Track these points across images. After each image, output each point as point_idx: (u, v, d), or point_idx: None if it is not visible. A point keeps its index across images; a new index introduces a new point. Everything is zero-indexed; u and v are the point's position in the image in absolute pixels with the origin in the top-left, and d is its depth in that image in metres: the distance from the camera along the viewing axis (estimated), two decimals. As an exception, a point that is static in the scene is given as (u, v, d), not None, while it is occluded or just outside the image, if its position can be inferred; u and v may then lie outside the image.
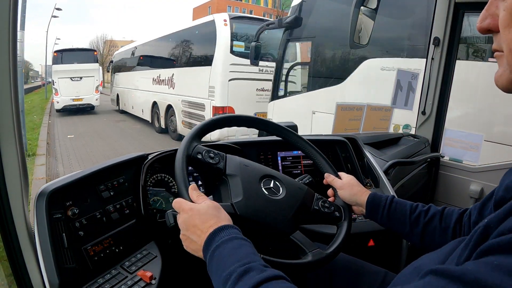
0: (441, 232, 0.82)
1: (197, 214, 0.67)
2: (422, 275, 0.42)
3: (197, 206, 0.69)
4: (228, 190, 0.81)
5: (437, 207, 0.86)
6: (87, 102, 13.92)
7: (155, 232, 0.98)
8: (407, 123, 2.14)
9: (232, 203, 0.77)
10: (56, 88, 13.51)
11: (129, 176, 0.99)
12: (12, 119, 0.69)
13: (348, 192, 0.92)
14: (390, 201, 0.89)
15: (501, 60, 0.51)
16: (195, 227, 0.66)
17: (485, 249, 0.38)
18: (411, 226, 0.85)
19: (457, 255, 0.47)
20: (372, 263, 0.96)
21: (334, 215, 0.90)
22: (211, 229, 0.64)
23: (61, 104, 13.49)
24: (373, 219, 0.91)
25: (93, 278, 0.81)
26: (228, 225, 0.65)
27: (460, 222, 0.80)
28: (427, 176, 1.96)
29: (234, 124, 0.94)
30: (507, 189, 0.54)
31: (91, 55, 14.65)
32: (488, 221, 0.42)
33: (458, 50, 1.85)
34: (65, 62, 13.49)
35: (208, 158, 0.82)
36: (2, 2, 0.63)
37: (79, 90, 13.48)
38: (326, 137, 1.44)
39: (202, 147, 0.84)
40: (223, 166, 0.83)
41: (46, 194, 0.78)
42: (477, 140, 1.87)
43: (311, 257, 0.78)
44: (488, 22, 0.52)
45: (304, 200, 0.88)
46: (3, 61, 0.66)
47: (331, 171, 0.98)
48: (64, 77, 13.34)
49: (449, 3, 1.75)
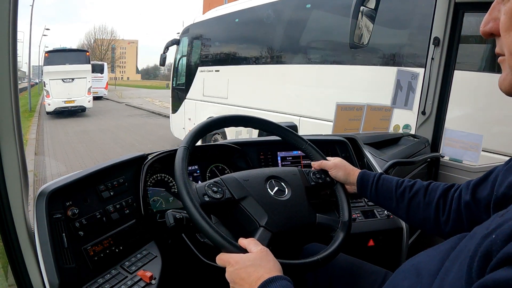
0: (424, 206, 0.83)
1: (243, 267, 0.64)
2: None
3: (243, 257, 0.66)
4: (248, 214, 0.79)
5: (423, 182, 0.87)
6: (79, 104, 13.59)
7: (155, 232, 0.98)
8: (407, 123, 2.14)
9: (264, 226, 0.77)
10: (47, 90, 13.09)
11: (129, 176, 0.99)
12: (12, 119, 0.69)
13: (343, 172, 0.95)
14: (378, 178, 0.91)
15: (503, 64, 0.52)
16: (243, 281, 0.63)
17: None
18: (397, 201, 0.87)
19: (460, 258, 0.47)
20: (372, 263, 0.96)
21: (326, 181, 0.96)
22: (259, 281, 0.60)
23: (53, 107, 13.11)
24: (364, 196, 0.94)
25: (93, 278, 0.81)
26: (278, 276, 0.61)
27: (445, 198, 0.81)
28: (427, 176, 1.95)
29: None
30: (510, 186, 0.54)
31: (83, 56, 14.39)
32: (495, 237, 0.40)
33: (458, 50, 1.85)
34: (57, 63, 13.17)
35: (214, 194, 0.78)
36: (2, 2, 0.63)
37: (71, 91, 13.16)
38: (326, 137, 1.44)
39: (201, 185, 0.79)
40: (230, 194, 0.81)
41: (46, 194, 0.78)
42: (477, 140, 1.87)
43: (342, 235, 0.84)
44: (490, 26, 0.53)
45: (303, 182, 0.92)
46: (3, 61, 0.66)
47: (321, 159, 1.00)
48: (56, 79, 13.01)
49: (449, 3, 1.75)
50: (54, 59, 13.35)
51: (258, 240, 0.72)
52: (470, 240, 0.49)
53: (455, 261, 0.49)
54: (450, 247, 0.56)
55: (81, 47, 40.63)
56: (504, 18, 0.50)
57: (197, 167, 1.19)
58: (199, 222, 0.70)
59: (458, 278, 0.44)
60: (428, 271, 0.55)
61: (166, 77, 53.77)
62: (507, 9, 0.49)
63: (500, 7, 0.51)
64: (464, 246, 0.50)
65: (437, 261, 0.55)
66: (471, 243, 0.46)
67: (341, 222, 0.88)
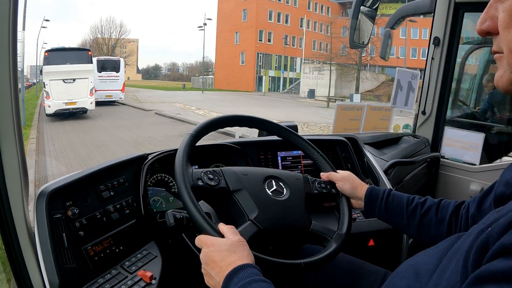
0: (436, 224, 0.82)
1: (218, 250, 0.65)
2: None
3: (219, 241, 0.67)
4: (239, 207, 0.79)
5: (434, 199, 0.86)
6: (81, 106, 12.82)
7: (155, 232, 0.98)
8: (407, 123, 2.14)
9: (252, 220, 0.77)
10: (47, 91, 12.30)
11: (129, 176, 0.99)
12: (12, 119, 0.69)
13: (349, 185, 0.93)
14: (388, 194, 0.90)
15: (501, 61, 0.52)
16: (214, 263, 0.65)
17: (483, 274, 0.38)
18: (408, 218, 0.85)
19: (457, 255, 0.47)
20: (372, 263, 0.96)
21: (331, 192, 0.94)
22: (230, 267, 0.62)
23: (53, 109, 12.29)
24: (371, 212, 0.91)
25: (93, 278, 0.81)
26: (248, 264, 0.63)
27: (456, 214, 0.80)
28: (427, 176, 1.96)
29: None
30: (507, 184, 0.54)
31: (85, 55, 13.66)
32: (491, 230, 0.41)
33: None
34: (57, 63, 12.46)
35: (209, 181, 0.79)
36: (2, 2, 0.63)
37: (72, 93, 12.43)
38: (326, 136, 1.44)
39: (198, 170, 0.80)
40: (226, 184, 0.81)
41: (46, 194, 0.78)
42: (477, 140, 1.87)
43: (334, 246, 0.82)
44: (487, 24, 0.53)
45: (305, 188, 0.91)
46: (3, 61, 0.66)
47: (331, 171, 0.98)
48: (56, 79, 12.30)
49: (449, 3, 1.75)
50: (54, 59, 12.67)
51: (241, 231, 0.72)
52: (468, 237, 0.49)
53: (452, 259, 0.49)
54: (448, 245, 0.56)
55: (84, 42, 37.77)
56: (503, 16, 0.50)
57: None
58: (185, 200, 0.71)
59: (454, 273, 0.45)
60: (426, 270, 0.56)
61: (168, 77, 52.78)
62: (507, 7, 0.49)
63: (498, 6, 0.51)
64: (462, 244, 0.50)
65: (435, 260, 0.56)
66: (468, 240, 0.46)
67: (336, 233, 0.85)
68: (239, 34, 37.28)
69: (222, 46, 38.62)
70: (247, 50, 36.63)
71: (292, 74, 37.81)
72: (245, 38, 36.53)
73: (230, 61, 37.91)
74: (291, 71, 37.96)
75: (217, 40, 39.89)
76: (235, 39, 37.85)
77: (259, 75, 36.27)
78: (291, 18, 37.07)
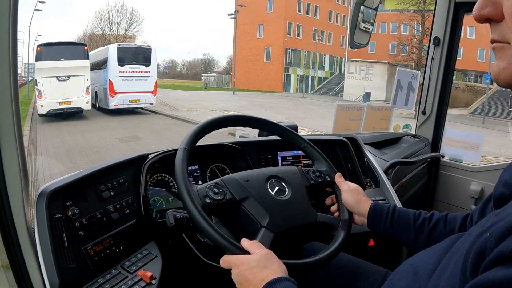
0: (446, 237, 0.81)
1: (248, 268, 0.64)
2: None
3: (247, 258, 0.66)
4: (250, 215, 0.79)
5: (439, 213, 0.85)
6: (76, 106, 11.71)
7: (155, 232, 0.98)
8: (407, 123, 2.14)
9: (265, 227, 0.77)
10: (39, 90, 11.11)
11: (129, 176, 0.99)
12: (12, 119, 0.69)
13: (354, 198, 0.90)
14: (393, 210, 0.87)
15: (503, 52, 0.47)
16: (248, 282, 0.63)
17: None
18: (416, 233, 0.84)
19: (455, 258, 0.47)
20: (372, 263, 0.96)
21: (326, 180, 0.95)
22: (263, 282, 0.61)
23: (46, 108, 11.19)
24: (375, 229, 0.89)
25: (94, 278, 0.81)
26: (282, 277, 0.62)
27: (464, 226, 0.80)
28: (427, 176, 1.96)
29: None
30: (506, 184, 0.53)
31: (81, 50, 12.14)
32: (489, 235, 0.40)
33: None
34: (50, 59, 11.14)
35: (214, 195, 0.78)
36: (2, 2, 0.63)
37: (66, 91, 11.27)
38: (326, 136, 1.44)
39: (202, 186, 0.78)
40: (231, 195, 0.80)
41: (46, 194, 0.78)
42: (477, 140, 1.88)
43: (343, 233, 0.85)
44: (489, 10, 0.48)
45: (304, 181, 0.91)
46: (3, 61, 0.66)
47: (333, 173, 0.98)
48: (49, 76, 11.08)
49: (449, 3, 1.75)
50: (47, 54, 11.20)
51: (261, 241, 0.72)
52: (467, 238, 0.49)
53: (451, 259, 0.49)
54: (447, 246, 0.56)
55: (86, 33, 32.60)
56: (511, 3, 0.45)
57: (197, 167, 1.19)
58: (201, 224, 0.70)
59: (453, 275, 0.44)
60: (426, 270, 0.55)
61: (167, 75, 50.87)
62: None
63: None
64: (461, 245, 0.50)
65: (434, 260, 0.55)
66: (467, 241, 0.46)
67: (341, 220, 0.88)
68: (263, 26, 32.36)
69: (242, 40, 31.98)
70: (273, 44, 31.72)
71: (321, 73, 33.74)
72: (271, 31, 31.56)
73: (252, 57, 32.77)
74: (319, 70, 33.56)
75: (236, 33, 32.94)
76: (258, 32, 32.88)
77: (286, 73, 31.86)
78: (320, 11, 32.53)
